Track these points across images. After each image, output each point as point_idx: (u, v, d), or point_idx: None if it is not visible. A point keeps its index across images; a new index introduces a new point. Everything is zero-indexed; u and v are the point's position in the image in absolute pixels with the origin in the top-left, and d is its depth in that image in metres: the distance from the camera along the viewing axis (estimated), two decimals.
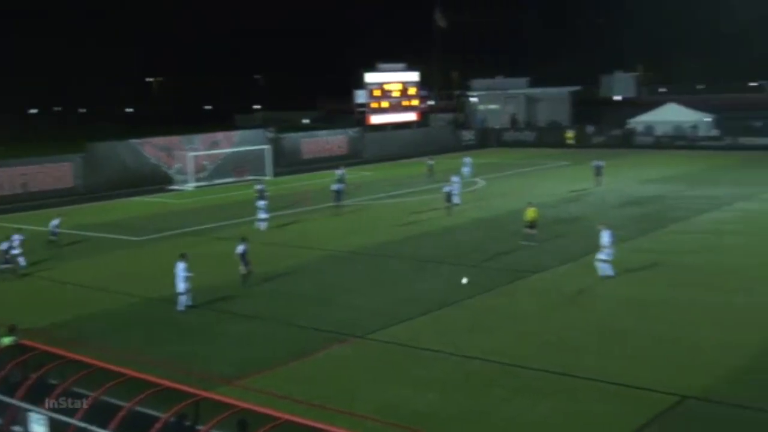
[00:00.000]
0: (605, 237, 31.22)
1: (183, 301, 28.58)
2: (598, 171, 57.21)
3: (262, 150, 70.75)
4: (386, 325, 25.86)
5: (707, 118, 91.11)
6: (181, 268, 28.47)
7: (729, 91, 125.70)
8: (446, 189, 46.57)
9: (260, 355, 23.58)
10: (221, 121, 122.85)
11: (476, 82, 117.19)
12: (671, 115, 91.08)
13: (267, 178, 68.77)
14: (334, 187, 50.79)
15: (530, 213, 38.33)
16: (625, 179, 59.32)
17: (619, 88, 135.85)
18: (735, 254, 34.42)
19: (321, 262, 35.81)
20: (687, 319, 25.61)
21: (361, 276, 32.95)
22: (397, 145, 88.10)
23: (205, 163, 68.87)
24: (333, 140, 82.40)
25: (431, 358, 22.78)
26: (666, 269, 32.20)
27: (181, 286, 28.42)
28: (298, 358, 23.09)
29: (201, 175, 67.89)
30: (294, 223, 46.17)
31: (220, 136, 72.25)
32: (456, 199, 48.51)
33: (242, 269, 31.42)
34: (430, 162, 64.84)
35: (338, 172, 58.17)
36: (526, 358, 22.38)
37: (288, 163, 76.06)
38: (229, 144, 71.50)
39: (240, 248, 31.49)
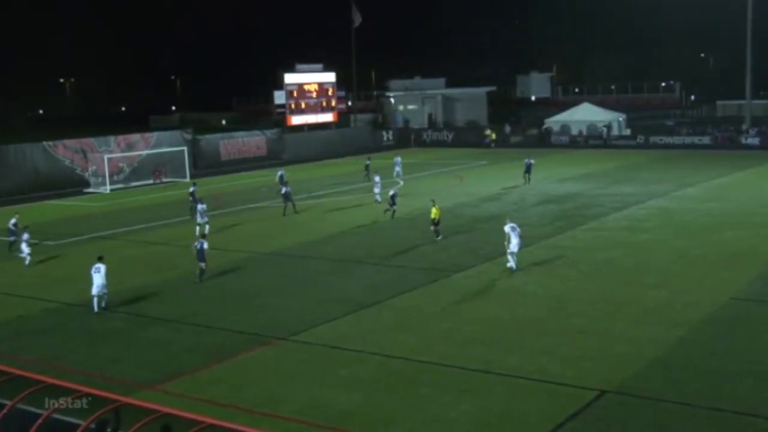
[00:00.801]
0: (506, 230, 32.31)
1: (105, 298, 28.54)
2: (528, 168, 57.96)
3: (180, 151, 69.90)
4: (309, 326, 25.79)
5: (620, 118, 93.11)
6: (102, 269, 28.26)
7: (641, 91, 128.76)
8: (392, 192, 45.65)
9: (182, 358, 23.27)
10: (136, 123, 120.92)
11: (394, 83, 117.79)
12: (586, 114, 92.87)
13: (186, 180, 67.95)
14: (283, 190, 49.11)
15: (433, 212, 38.85)
16: (543, 178, 60.24)
17: (535, 88, 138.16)
18: (649, 251, 35.23)
19: (243, 264, 35.51)
20: (604, 314, 26.14)
21: (283, 277, 32.77)
22: (316, 146, 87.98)
23: (121, 165, 67.70)
24: (251, 141, 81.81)
25: (355, 358, 22.80)
26: (583, 266, 32.80)
27: (101, 289, 28.19)
28: (221, 361, 22.86)
29: (117, 177, 66.72)
30: (215, 225, 45.69)
31: (136, 137, 71.09)
32: (378, 198, 50.69)
33: (202, 265, 32.29)
34: (368, 161, 64.92)
35: (279, 173, 57.20)
36: (448, 356, 22.55)
37: (206, 164, 75.31)
38: (146, 145, 70.42)
39: (204, 244, 32.52)
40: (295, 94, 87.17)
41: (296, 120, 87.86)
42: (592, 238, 38.37)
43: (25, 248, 36.59)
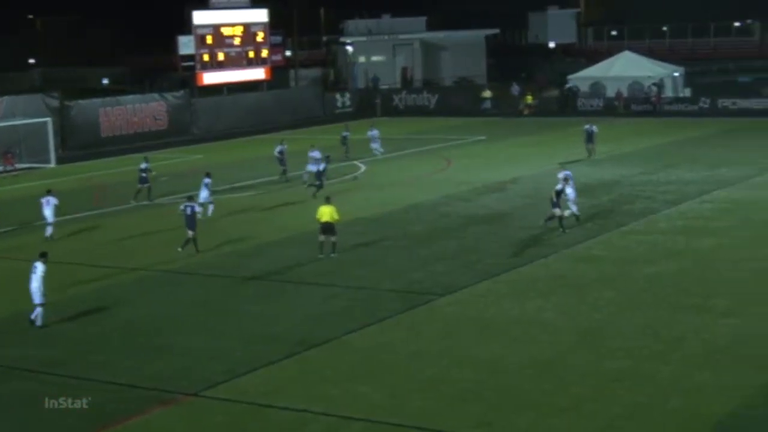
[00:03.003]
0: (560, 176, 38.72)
1: (40, 312, 30.68)
2: (590, 138, 60.82)
3: (42, 124, 69.36)
4: (230, 376, 25.72)
5: (676, 73, 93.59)
6: (39, 270, 30.56)
7: (705, 35, 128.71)
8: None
9: (44, 427, 23.11)
10: None
11: (352, 24, 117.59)
12: (627, 68, 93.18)
13: (51, 165, 67.61)
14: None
15: (325, 212, 37.95)
16: (565, 159, 60.42)
17: (555, 30, 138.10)
18: (717, 262, 35.46)
19: (133, 287, 35.41)
20: (652, 353, 26.22)
21: (194, 306, 32.75)
22: (241, 115, 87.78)
23: None
24: (146, 110, 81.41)
25: (295, 421, 22.74)
26: (623, 284, 32.95)
27: (39, 296, 30.50)
28: (101, 430, 22.76)
29: None
30: (93, 229, 45.57)
31: None
32: (305, 177, 53.96)
33: (190, 233, 38.63)
34: (346, 133, 64.99)
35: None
36: (430, 416, 22.54)
37: (80, 143, 74.92)
38: None
39: (196, 207, 39.44)
40: (209, 40, 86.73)
41: (211, 78, 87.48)
42: (636, 245, 38.59)
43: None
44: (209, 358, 27.37)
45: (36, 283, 30.53)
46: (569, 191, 41.49)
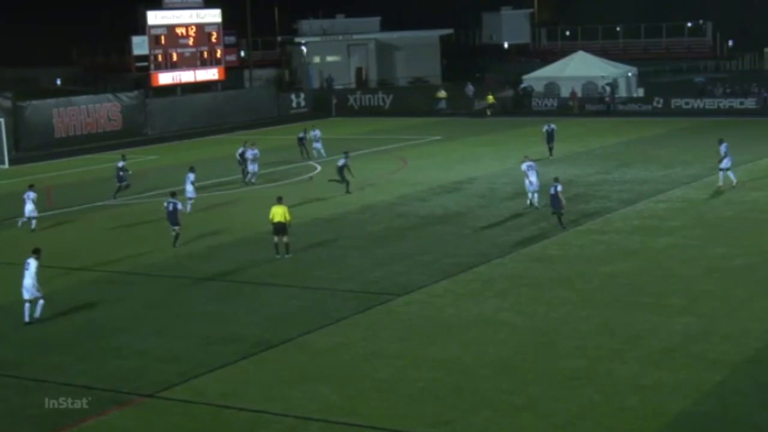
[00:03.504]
0: (523, 168, 43.20)
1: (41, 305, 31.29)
2: (551, 136, 61.51)
3: None
4: (187, 377, 25.64)
5: (630, 73, 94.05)
6: (32, 266, 31.04)
7: (658, 36, 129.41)
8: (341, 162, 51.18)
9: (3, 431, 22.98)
10: None
11: (306, 24, 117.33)
12: (580, 68, 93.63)
13: (4, 167, 67.16)
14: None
15: (277, 213, 37.95)
16: (520, 159, 60.56)
17: (509, 31, 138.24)
18: (672, 261, 35.68)
19: (88, 289, 35.24)
20: (609, 351, 26.37)
21: (150, 308, 32.59)
22: (195, 115, 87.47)
23: None
24: (100, 110, 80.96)
25: (253, 422, 22.73)
26: (579, 284, 33.11)
27: (32, 291, 30.96)
28: None
29: None
30: (51, 229, 45.35)
31: None
32: (253, 179, 55.86)
33: (176, 229, 40.34)
34: (302, 134, 64.68)
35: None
36: (388, 417, 22.59)
37: (34, 144, 74.43)
38: None
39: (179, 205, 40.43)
40: (162, 40, 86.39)
41: (165, 78, 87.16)
42: (592, 245, 38.77)
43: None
44: (166, 359, 27.29)
45: (29, 280, 30.87)
46: (533, 180, 44.28)
